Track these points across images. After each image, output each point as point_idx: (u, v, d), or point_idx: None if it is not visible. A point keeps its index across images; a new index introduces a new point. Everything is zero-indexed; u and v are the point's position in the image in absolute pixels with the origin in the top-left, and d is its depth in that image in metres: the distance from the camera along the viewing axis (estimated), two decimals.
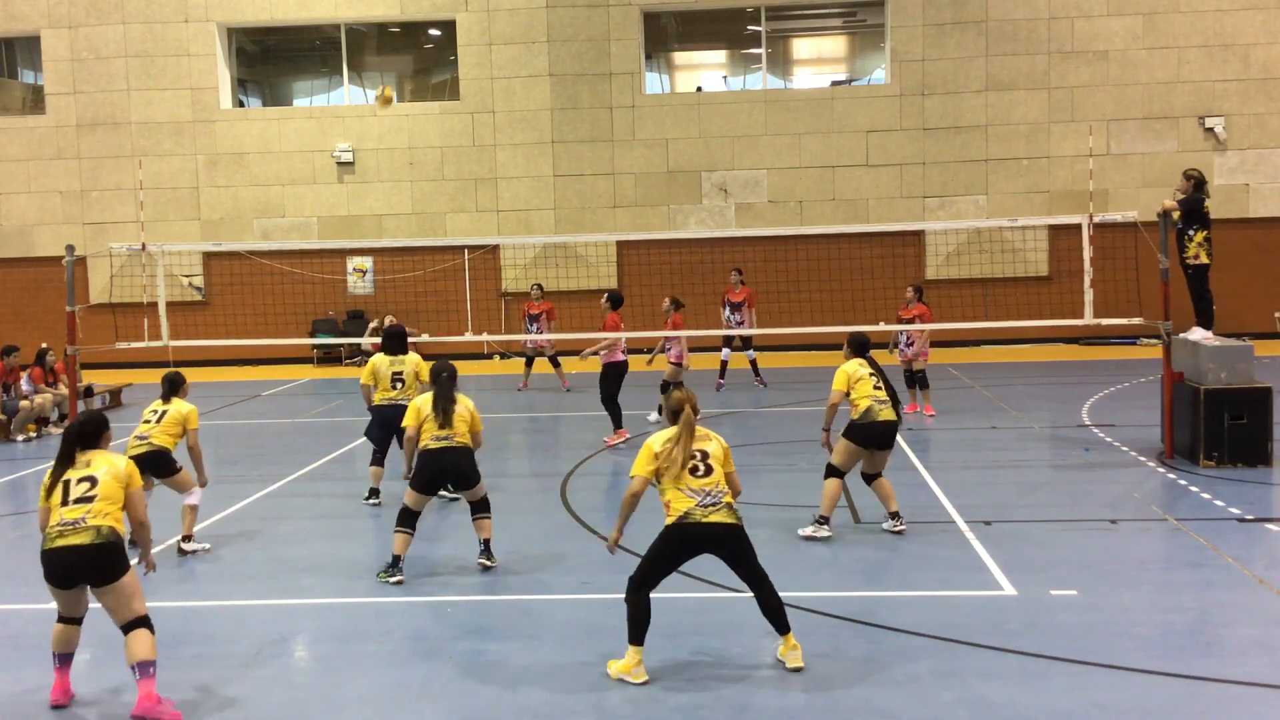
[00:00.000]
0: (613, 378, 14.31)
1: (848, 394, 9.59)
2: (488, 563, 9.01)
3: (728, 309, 18.46)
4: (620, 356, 14.33)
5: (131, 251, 16.04)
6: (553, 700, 6.45)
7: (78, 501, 6.42)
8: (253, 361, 24.80)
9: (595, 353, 14.53)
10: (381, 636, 7.56)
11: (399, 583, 8.67)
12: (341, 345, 24.73)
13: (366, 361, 11.79)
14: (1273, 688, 6.37)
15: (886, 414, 9.45)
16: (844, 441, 9.56)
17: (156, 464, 9.62)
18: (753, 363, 18.88)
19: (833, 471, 9.59)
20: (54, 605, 6.52)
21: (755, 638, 7.21)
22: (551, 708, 6.36)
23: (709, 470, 6.77)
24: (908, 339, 15.61)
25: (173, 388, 9.98)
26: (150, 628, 6.39)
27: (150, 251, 15.38)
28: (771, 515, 10.21)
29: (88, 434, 6.71)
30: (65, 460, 6.59)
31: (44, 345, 17.70)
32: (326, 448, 14.81)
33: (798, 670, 6.68)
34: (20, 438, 16.32)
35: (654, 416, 15.65)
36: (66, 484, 6.49)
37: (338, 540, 10.40)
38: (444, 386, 8.93)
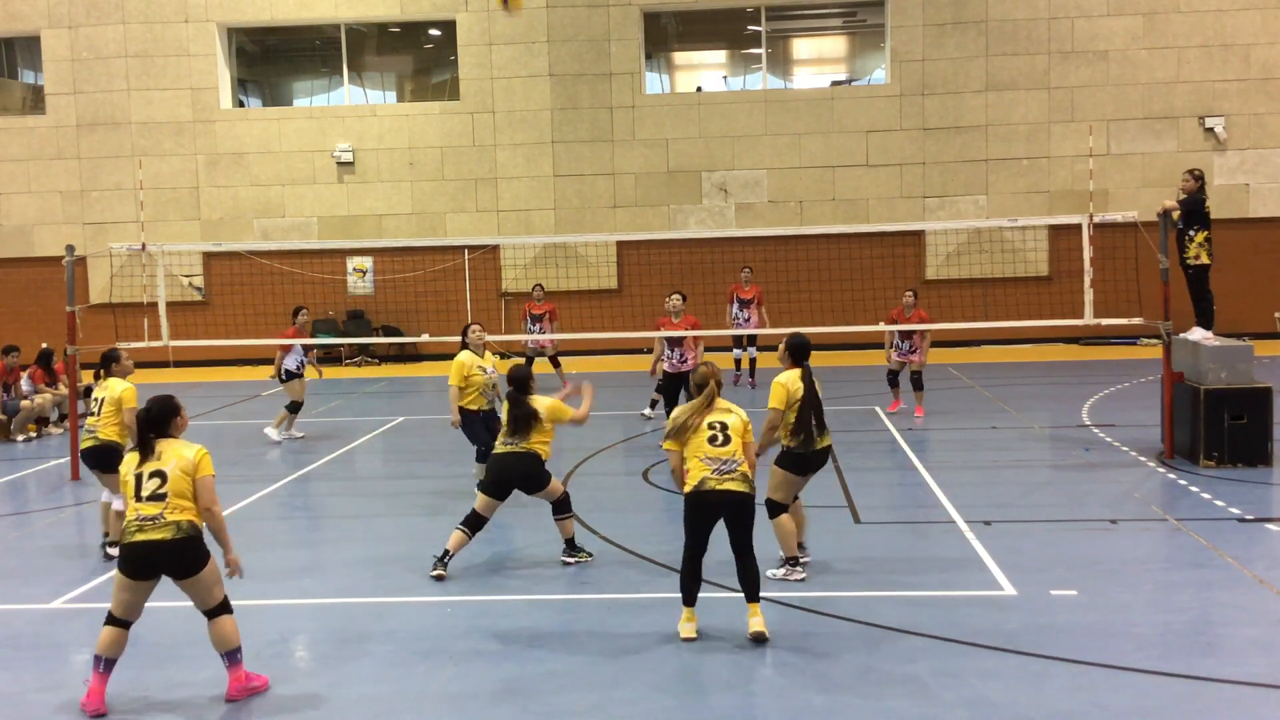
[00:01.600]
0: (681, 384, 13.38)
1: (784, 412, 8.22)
2: (568, 560, 9.04)
3: (736, 305, 18.42)
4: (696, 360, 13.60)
5: (131, 251, 16.02)
6: (553, 700, 6.45)
7: (151, 499, 6.36)
8: (253, 361, 24.77)
9: (684, 358, 13.69)
10: (381, 636, 7.55)
11: (439, 578, 8.67)
12: (342, 345, 24.73)
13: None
14: (1273, 688, 6.37)
15: (825, 440, 8.32)
16: (781, 472, 8.31)
17: (100, 458, 9.26)
18: (751, 361, 18.82)
19: (779, 508, 8.31)
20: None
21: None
22: (552, 708, 6.36)
23: (727, 440, 7.18)
24: (910, 345, 15.54)
25: (104, 364, 9.47)
26: (230, 610, 6.52)
27: (150, 251, 15.36)
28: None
29: (154, 420, 6.52)
30: (143, 448, 6.48)
31: (45, 345, 17.69)
32: (326, 448, 14.80)
33: (758, 635, 7.06)
34: (20, 438, 16.32)
35: (649, 411, 15.63)
36: (139, 478, 6.40)
37: (338, 540, 10.40)
38: (513, 391, 8.96)
